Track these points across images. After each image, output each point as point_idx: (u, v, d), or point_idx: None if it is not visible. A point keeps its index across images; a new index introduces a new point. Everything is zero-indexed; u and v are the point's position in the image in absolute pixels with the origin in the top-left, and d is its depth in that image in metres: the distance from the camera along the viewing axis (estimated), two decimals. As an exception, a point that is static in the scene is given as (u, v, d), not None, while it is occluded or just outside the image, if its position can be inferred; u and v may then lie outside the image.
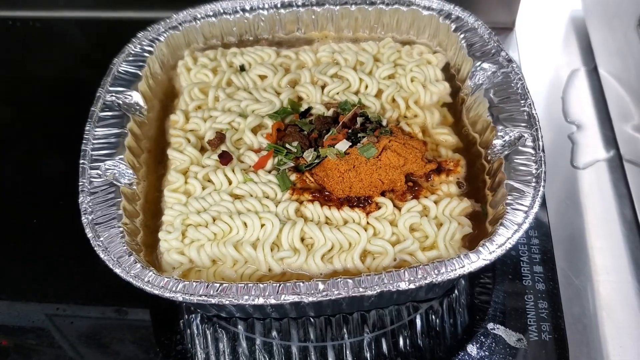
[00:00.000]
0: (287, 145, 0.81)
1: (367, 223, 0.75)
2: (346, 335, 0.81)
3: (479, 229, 0.75)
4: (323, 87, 0.89)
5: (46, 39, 1.26)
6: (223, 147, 0.82)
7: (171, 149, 0.82)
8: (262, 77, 0.91)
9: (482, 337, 0.79)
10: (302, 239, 0.75)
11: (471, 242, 0.75)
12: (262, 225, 0.75)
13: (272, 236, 0.74)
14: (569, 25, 1.25)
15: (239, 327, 0.82)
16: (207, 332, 0.82)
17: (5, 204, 0.99)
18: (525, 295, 0.82)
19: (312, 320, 0.81)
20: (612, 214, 0.95)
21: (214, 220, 0.75)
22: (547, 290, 0.83)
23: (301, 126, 0.83)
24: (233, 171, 0.79)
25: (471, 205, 0.77)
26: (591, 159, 1.03)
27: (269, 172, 0.80)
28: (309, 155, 0.79)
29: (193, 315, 0.83)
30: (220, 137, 0.82)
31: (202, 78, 0.90)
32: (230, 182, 0.80)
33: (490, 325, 0.80)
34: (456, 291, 0.83)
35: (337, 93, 0.88)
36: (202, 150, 0.84)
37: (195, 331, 0.83)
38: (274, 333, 0.81)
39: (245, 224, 0.75)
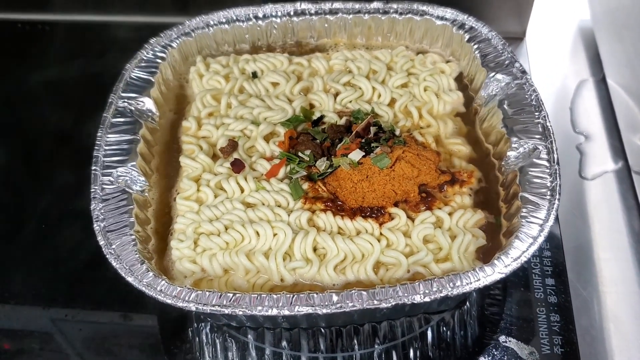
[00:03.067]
0: (300, 154, 0.80)
1: (381, 234, 0.75)
2: (356, 347, 0.80)
3: (493, 242, 0.75)
4: (336, 95, 0.89)
5: (54, 43, 1.26)
6: (235, 155, 0.82)
7: (183, 157, 0.82)
8: (275, 85, 0.90)
9: (493, 350, 0.79)
10: (315, 249, 0.74)
11: (485, 255, 0.74)
12: (275, 235, 0.74)
13: (284, 246, 0.73)
14: (577, 35, 1.25)
15: (249, 336, 0.81)
16: (217, 341, 0.81)
17: (15, 208, 0.99)
18: (537, 308, 0.82)
19: (322, 330, 0.81)
20: (620, 225, 0.94)
21: (226, 229, 0.75)
22: (559, 303, 0.82)
23: (314, 134, 0.82)
24: (245, 179, 0.79)
25: (485, 217, 0.77)
26: (599, 170, 1.02)
27: (282, 180, 0.80)
28: (322, 164, 0.79)
29: (202, 324, 0.82)
30: (232, 144, 0.82)
31: (214, 85, 0.90)
32: (242, 190, 0.79)
33: (502, 338, 0.80)
34: (467, 303, 0.83)
35: (350, 101, 0.87)
36: (214, 157, 0.83)
37: (205, 340, 0.82)
38: (284, 343, 0.81)
39: (257, 233, 0.74)
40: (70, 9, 1.26)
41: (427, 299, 0.64)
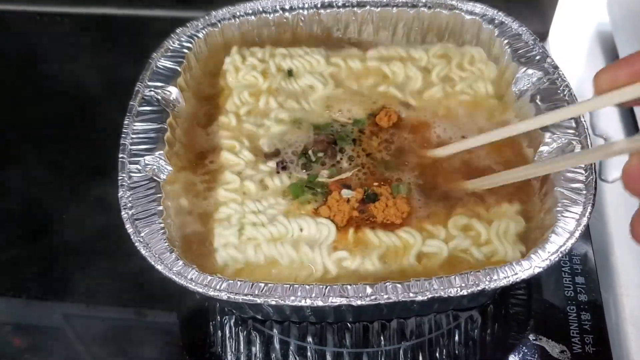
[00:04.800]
0: (309, 152, 0.80)
1: (422, 227, 0.74)
2: (383, 343, 0.79)
3: (528, 236, 0.74)
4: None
5: (80, 35, 1.25)
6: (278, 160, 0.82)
7: (225, 151, 0.81)
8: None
9: (524, 348, 0.77)
10: (357, 243, 0.74)
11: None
12: (318, 230, 0.74)
13: (330, 238, 0.73)
14: (595, 38, 1.25)
15: (274, 330, 0.80)
16: (241, 335, 0.80)
17: (33, 201, 0.98)
18: (568, 307, 0.80)
19: (349, 325, 0.79)
20: (639, 228, 0.93)
21: (270, 221, 0.74)
22: (590, 302, 0.81)
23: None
24: (289, 177, 0.78)
25: (521, 208, 0.76)
26: (620, 173, 1.01)
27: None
28: (324, 173, 0.79)
29: (227, 317, 0.81)
30: (276, 152, 0.82)
31: (250, 80, 0.89)
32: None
33: (531, 336, 0.78)
34: (496, 300, 0.81)
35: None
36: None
37: (228, 333, 0.81)
38: (309, 338, 0.79)
39: (301, 228, 0.74)
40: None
41: (463, 292, 0.63)
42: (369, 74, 0.90)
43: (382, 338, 0.79)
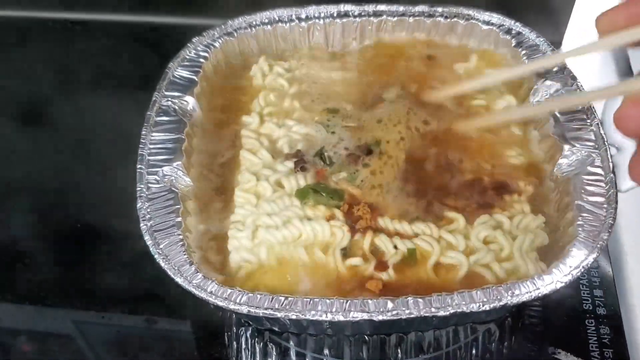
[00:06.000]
0: (325, 154, 0.80)
1: (440, 237, 0.73)
2: (400, 356, 0.78)
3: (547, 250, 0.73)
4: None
5: (97, 42, 1.25)
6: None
7: (244, 150, 0.81)
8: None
9: (542, 362, 0.77)
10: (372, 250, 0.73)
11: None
12: (332, 234, 0.73)
13: (343, 242, 0.72)
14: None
15: (290, 342, 0.79)
16: (257, 346, 0.80)
17: (47, 207, 0.98)
18: (586, 320, 0.80)
19: (366, 338, 0.79)
20: (651, 238, 0.92)
21: (284, 224, 0.74)
22: (609, 316, 0.80)
23: None
24: (305, 178, 0.78)
25: (545, 221, 0.75)
26: (632, 183, 1.00)
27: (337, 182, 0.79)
28: (338, 174, 0.79)
29: (243, 329, 0.81)
30: (296, 154, 0.81)
31: (277, 86, 0.89)
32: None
33: (550, 349, 0.78)
34: (513, 313, 0.81)
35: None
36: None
37: (244, 345, 0.80)
38: (326, 350, 0.79)
39: (314, 231, 0.73)
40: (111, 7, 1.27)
41: (485, 307, 0.62)
42: None
43: (399, 351, 0.78)
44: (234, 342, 0.81)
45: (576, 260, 0.66)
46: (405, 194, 0.77)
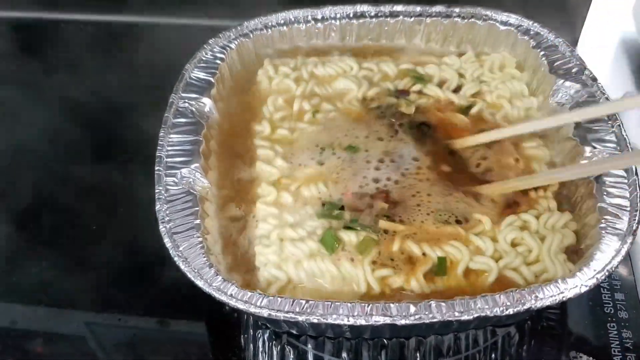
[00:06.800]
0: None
1: (467, 240, 0.73)
2: (418, 359, 0.77)
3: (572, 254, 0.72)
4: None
5: (111, 44, 1.26)
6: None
7: (259, 162, 0.80)
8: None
9: (563, 367, 0.76)
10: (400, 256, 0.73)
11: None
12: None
13: (371, 253, 0.71)
14: (621, 46, 1.24)
15: (308, 345, 0.79)
16: (274, 349, 0.79)
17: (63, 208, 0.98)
18: (608, 324, 0.79)
19: (385, 341, 0.78)
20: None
21: (309, 235, 0.73)
22: (631, 319, 0.79)
23: None
24: (325, 185, 0.77)
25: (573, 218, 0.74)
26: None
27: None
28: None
29: (260, 331, 0.80)
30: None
31: (284, 87, 0.89)
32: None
33: (572, 354, 0.77)
34: (533, 316, 0.80)
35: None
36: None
37: (260, 347, 0.80)
38: (344, 354, 0.78)
39: (341, 241, 0.73)
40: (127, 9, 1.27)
41: (509, 311, 0.61)
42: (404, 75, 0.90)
43: (418, 355, 0.77)
44: (251, 345, 0.80)
45: (600, 264, 0.65)
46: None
